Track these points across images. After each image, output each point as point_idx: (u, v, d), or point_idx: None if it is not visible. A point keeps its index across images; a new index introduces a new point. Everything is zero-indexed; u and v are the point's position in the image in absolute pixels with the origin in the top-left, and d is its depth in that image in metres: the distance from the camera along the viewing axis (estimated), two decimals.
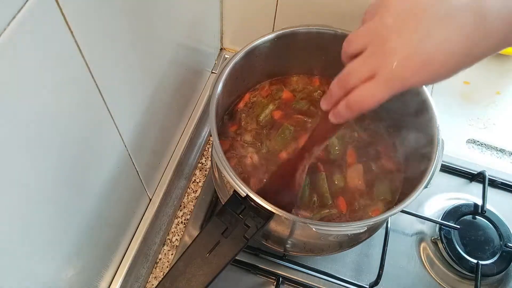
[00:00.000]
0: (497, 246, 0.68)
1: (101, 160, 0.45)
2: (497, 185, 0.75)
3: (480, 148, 0.81)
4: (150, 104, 0.53)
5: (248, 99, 0.68)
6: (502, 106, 0.86)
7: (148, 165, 0.59)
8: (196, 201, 0.71)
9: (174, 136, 0.68)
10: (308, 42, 0.63)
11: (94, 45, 0.37)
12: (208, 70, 0.80)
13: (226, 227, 0.47)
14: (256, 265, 0.64)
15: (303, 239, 0.56)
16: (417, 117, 0.58)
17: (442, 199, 0.74)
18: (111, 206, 0.51)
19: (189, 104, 0.72)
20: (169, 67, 0.57)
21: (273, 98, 0.68)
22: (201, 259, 0.46)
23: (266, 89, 0.69)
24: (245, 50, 0.59)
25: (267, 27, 0.76)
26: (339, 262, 0.67)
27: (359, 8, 0.65)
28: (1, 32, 0.26)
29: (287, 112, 0.66)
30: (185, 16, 0.59)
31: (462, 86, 0.88)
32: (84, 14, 0.34)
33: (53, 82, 0.33)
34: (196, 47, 0.70)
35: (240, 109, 0.67)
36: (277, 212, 0.46)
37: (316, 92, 0.69)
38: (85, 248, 0.48)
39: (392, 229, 0.68)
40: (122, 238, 0.59)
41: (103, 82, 0.40)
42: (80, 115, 0.38)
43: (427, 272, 0.67)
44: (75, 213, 0.43)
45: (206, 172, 0.74)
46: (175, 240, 0.68)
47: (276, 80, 0.70)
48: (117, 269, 0.59)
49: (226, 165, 0.49)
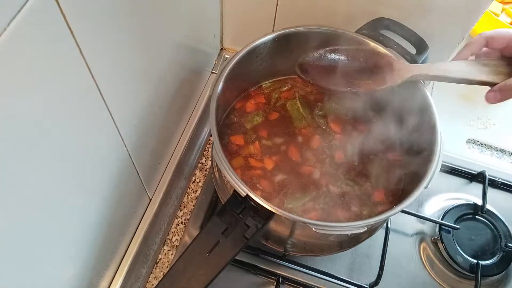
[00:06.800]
0: (497, 246, 0.68)
1: (101, 160, 0.45)
2: (497, 185, 0.75)
3: (480, 148, 0.81)
4: (150, 104, 0.53)
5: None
6: (502, 106, 0.86)
7: (148, 165, 0.59)
8: (196, 201, 0.71)
9: (174, 136, 0.68)
10: (308, 42, 0.63)
11: (94, 45, 0.37)
12: (208, 70, 0.80)
13: (226, 227, 0.47)
14: (256, 265, 0.64)
15: (303, 239, 0.56)
16: (417, 117, 0.58)
17: (442, 199, 0.74)
18: (111, 206, 0.51)
19: (189, 104, 0.72)
20: (169, 67, 0.57)
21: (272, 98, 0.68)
22: (201, 259, 0.46)
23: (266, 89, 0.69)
24: (245, 50, 0.59)
25: (267, 27, 0.76)
26: (339, 262, 0.67)
27: (359, 8, 0.65)
28: (1, 32, 0.26)
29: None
30: (185, 16, 0.59)
31: (462, 86, 0.87)
32: (84, 14, 0.34)
33: (53, 82, 0.33)
34: (196, 47, 0.70)
35: (240, 108, 0.67)
36: (277, 212, 0.46)
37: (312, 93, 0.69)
38: (85, 248, 0.48)
39: (392, 229, 0.68)
40: (122, 238, 0.59)
41: (103, 82, 0.40)
42: (80, 115, 0.38)
43: (427, 272, 0.67)
44: (75, 213, 0.43)
45: (206, 172, 0.74)
46: (175, 240, 0.68)
47: (276, 80, 0.70)
48: (117, 269, 0.59)
49: (226, 165, 0.49)
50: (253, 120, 0.65)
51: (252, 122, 0.65)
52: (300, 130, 0.65)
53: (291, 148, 0.63)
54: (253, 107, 0.67)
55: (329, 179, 0.60)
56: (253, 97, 0.68)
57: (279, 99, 0.68)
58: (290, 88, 0.69)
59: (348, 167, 0.62)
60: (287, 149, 0.63)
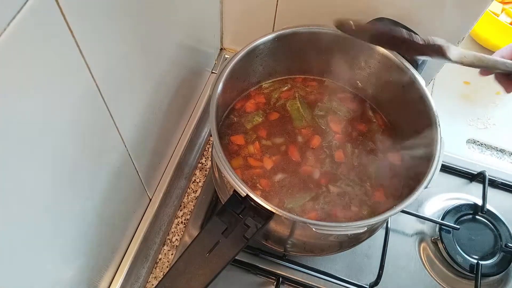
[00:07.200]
0: (497, 246, 0.68)
1: (101, 160, 0.45)
2: (497, 185, 0.75)
3: (480, 148, 0.81)
4: (150, 104, 0.53)
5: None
6: (502, 106, 0.86)
7: (148, 165, 0.59)
8: (196, 201, 0.71)
9: (174, 136, 0.68)
10: (308, 42, 0.63)
11: (94, 45, 0.37)
12: (208, 70, 0.80)
13: (226, 227, 0.47)
14: (256, 265, 0.64)
15: (303, 239, 0.56)
16: (417, 117, 0.58)
17: (442, 199, 0.74)
18: (111, 206, 0.51)
19: (189, 104, 0.72)
20: (169, 67, 0.57)
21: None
22: (201, 259, 0.46)
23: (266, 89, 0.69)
24: (245, 50, 0.59)
25: (267, 27, 0.76)
26: (339, 262, 0.67)
27: (359, 8, 0.65)
28: (1, 32, 0.26)
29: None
30: (185, 16, 0.59)
31: (462, 86, 0.88)
32: (84, 14, 0.34)
33: (53, 82, 0.33)
34: (196, 47, 0.70)
35: (240, 108, 0.67)
36: (277, 212, 0.46)
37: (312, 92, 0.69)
38: (85, 248, 0.48)
39: (392, 229, 0.68)
40: (122, 238, 0.59)
41: (103, 82, 0.40)
42: (80, 115, 0.38)
43: (427, 272, 0.67)
44: (75, 213, 0.43)
45: (206, 172, 0.74)
46: (175, 240, 0.68)
47: (276, 80, 0.70)
48: (117, 269, 0.59)
49: (226, 165, 0.49)
50: (253, 120, 0.65)
51: (252, 122, 0.65)
52: (300, 130, 0.65)
53: (291, 148, 0.63)
54: (253, 107, 0.67)
55: (329, 179, 0.60)
56: (253, 97, 0.68)
57: (279, 99, 0.68)
58: (290, 88, 0.69)
59: (348, 167, 0.62)
60: (287, 149, 0.63)
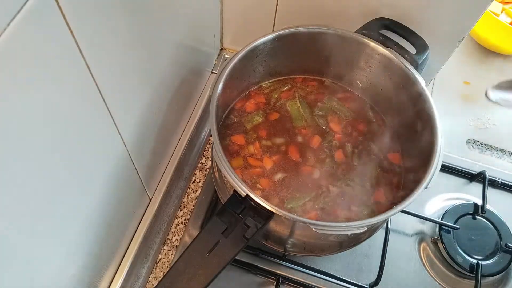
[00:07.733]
0: (497, 246, 0.68)
1: (101, 160, 0.45)
2: (497, 185, 0.75)
3: (480, 148, 0.81)
4: (150, 104, 0.53)
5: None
6: (502, 107, 0.86)
7: (148, 165, 0.59)
8: (196, 201, 0.71)
9: (174, 136, 0.68)
10: (308, 42, 0.63)
11: (94, 45, 0.37)
12: (208, 70, 0.80)
13: (226, 227, 0.47)
14: (256, 265, 0.64)
15: (303, 239, 0.56)
16: (417, 117, 0.58)
17: (442, 199, 0.74)
18: (111, 206, 0.51)
19: (189, 104, 0.72)
20: (169, 67, 0.57)
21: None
22: (201, 259, 0.46)
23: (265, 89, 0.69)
24: (245, 50, 0.59)
25: (267, 27, 0.76)
26: (339, 262, 0.67)
27: (359, 8, 0.65)
28: (1, 32, 0.26)
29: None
30: (185, 16, 0.59)
31: (462, 86, 0.88)
32: (84, 14, 0.34)
33: (53, 82, 0.33)
34: (196, 47, 0.70)
35: (240, 108, 0.67)
36: (277, 212, 0.46)
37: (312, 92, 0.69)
38: (85, 248, 0.48)
39: (392, 229, 0.68)
40: (122, 238, 0.59)
41: (103, 82, 0.40)
42: (80, 115, 0.38)
43: (427, 272, 0.67)
44: (75, 213, 0.43)
45: (206, 172, 0.74)
46: (175, 240, 0.68)
47: (276, 80, 0.70)
48: (117, 269, 0.59)
49: (226, 165, 0.49)
50: (253, 120, 0.65)
51: (252, 122, 0.65)
52: (300, 130, 0.65)
53: (291, 148, 0.63)
54: (253, 107, 0.67)
55: (329, 179, 0.60)
56: (253, 97, 0.68)
57: (279, 99, 0.68)
58: (290, 88, 0.69)
59: (348, 167, 0.62)
60: (287, 149, 0.63)
